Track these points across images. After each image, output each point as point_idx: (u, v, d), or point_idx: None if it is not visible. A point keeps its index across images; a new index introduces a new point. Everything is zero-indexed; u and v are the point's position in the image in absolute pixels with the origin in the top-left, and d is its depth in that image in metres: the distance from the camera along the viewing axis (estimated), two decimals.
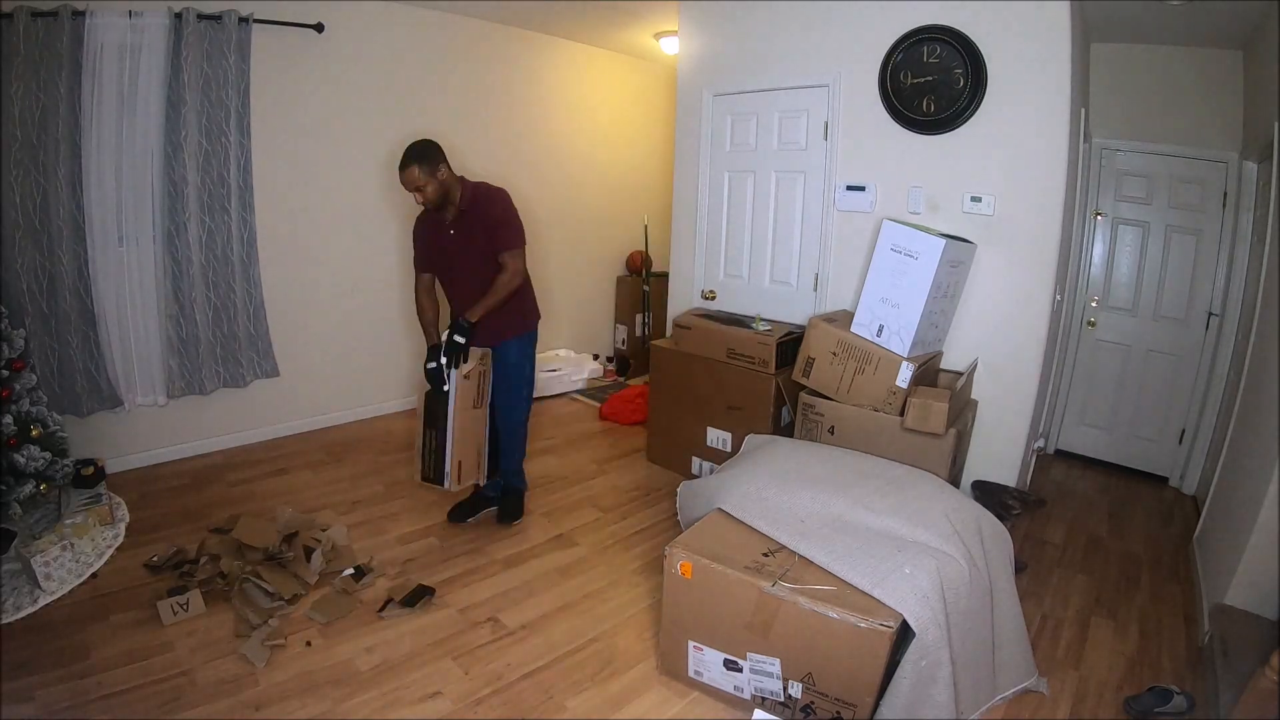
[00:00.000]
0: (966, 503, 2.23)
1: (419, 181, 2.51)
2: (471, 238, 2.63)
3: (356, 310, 4.06)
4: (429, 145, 2.55)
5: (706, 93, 3.70)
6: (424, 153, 2.52)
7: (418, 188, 2.52)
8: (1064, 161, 2.71)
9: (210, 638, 2.17)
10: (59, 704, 1.87)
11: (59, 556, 2.40)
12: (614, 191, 5.42)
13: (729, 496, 2.25)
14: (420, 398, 2.75)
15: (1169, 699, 1.97)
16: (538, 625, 2.34)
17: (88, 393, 3.14)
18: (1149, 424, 3.83)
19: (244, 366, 3.59)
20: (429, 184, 2.52)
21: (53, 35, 2.78)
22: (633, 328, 5.55)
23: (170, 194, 3.20)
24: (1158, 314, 3.75)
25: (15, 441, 2.50)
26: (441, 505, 3.15)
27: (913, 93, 2.95)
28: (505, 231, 2.64)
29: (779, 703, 1.91)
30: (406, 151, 2.53)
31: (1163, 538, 3.18)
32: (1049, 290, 2.82)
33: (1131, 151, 3.68)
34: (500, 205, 2.66)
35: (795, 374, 2.94)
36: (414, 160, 2.50)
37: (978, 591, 1.93)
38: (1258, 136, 3.06)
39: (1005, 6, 2.73)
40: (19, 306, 2.88)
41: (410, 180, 2.51)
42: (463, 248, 2.65)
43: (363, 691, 1.98)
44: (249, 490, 3.22)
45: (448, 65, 4.21)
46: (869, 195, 3.17)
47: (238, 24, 3.20)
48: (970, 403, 2.96)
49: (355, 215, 3.96)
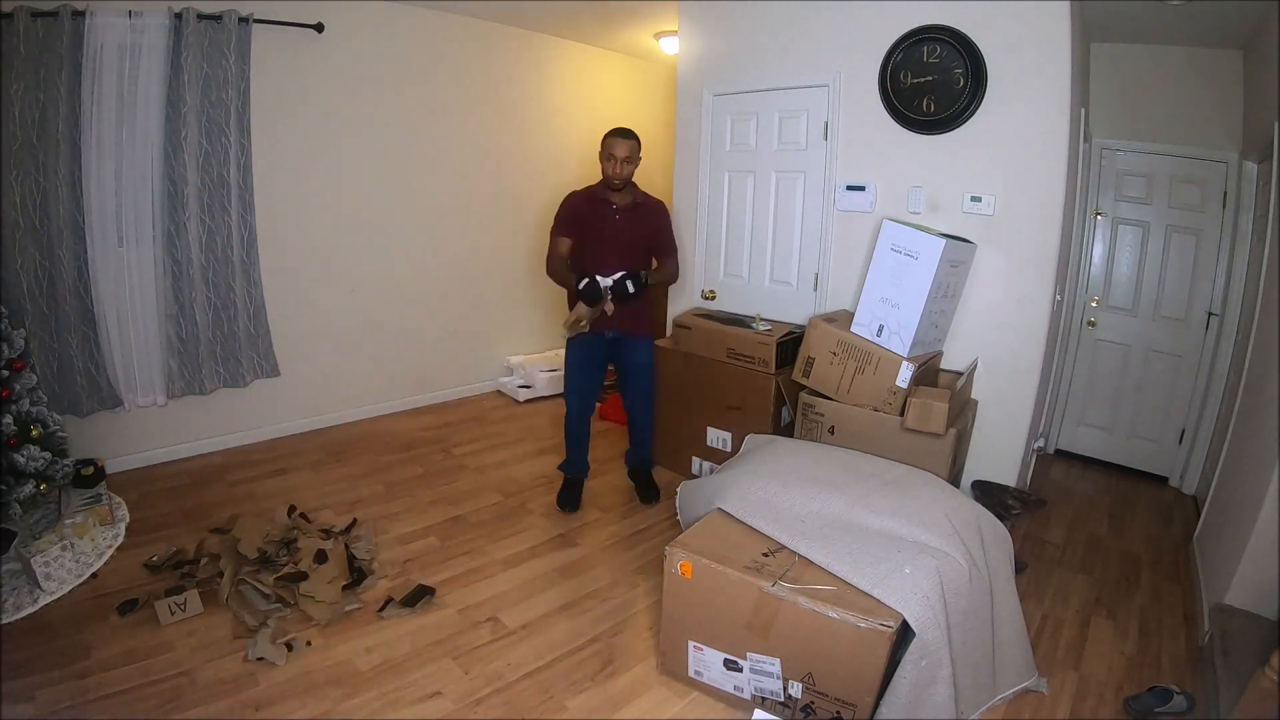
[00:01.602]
0: (966, 503, 2.23)
1: (630, 154, 2.79)
2: (639, 229, 2.91)
3: (357, 310, 4.06)
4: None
5: (706, 92, 3.70)
6: (638, 136, 2.83)
7: (626, 159, 2.78)
8: (1064, 161, 2.71)
9: (210, 638, 2.17)
10: (59, 704, 1.87)
11: (59, 556, 2.40)
12: None
13: (729, 496, 2.25)
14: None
15: (1169, 699, 1.97)
16: (538, 625, 2.34)
17: (88, 393, 3.14)
18: (1149, 424, 3.83)
19: (244, 366, 3.59)
20: (632, 162, 2.82)
21: (53, 35, 2.78)
22: None
23: (170, 194, 3.20)
24: (1158, 314, 3.75)
25: (15, 441, 2.50)
26: (441, 505, 3.16)
27: (913, 93, 2.95)
28: (670, 236, 3.07)
29: (779, 703, 1.91)
30: (625, 128, 2.84)
31: (1163, 538, 3.18)
32: (1049, 290, 2.82)
33: (1131, 151, 3.67)
34: (667, 215, 3.08)
35: (795, 374, 2.94)
36: (635, 136, 2.82)
37: (978, 591, 1.93)
38: (1258, 136, 3.06)
39: (1005, 6, 2.72)
40: (19, 306, 2.88)
41: (625, 149, 2.77)
42: (629, 234, 2.88)
43: (363, 691, 1.98)
44: (249, 490, 3.22)
45: (448, 65, 4.21)
46: (869, 195, 3.16)
47: (238, 24, 3.20)
48: (970, 403, 2.96)
49: (356, 215, 3.96)
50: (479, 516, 3.04)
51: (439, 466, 3.60)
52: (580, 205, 2.92)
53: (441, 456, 3.73)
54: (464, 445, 3.88)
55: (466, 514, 3.08)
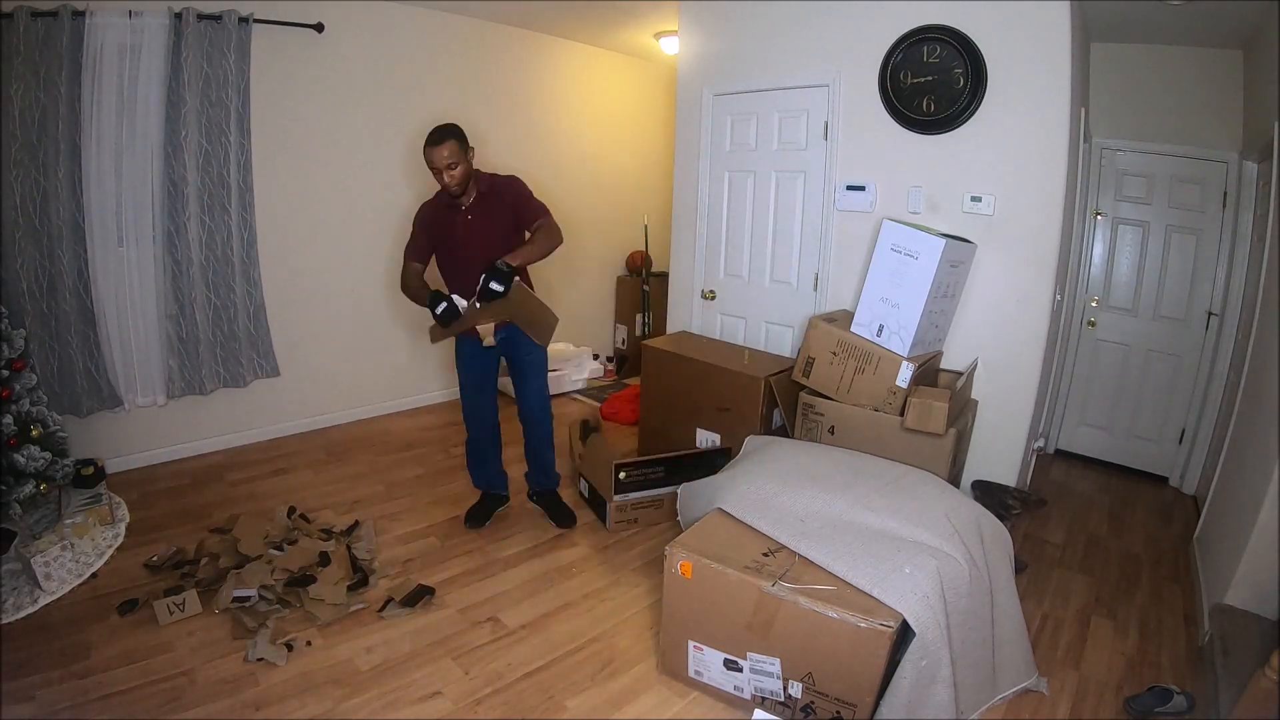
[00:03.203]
0: (966, 502, 2.23)
1: (452, 159, 2.42)
2: (492, 221, 2.57)
3: (357, 310, 4.06)
4: (459, 126, 2.48)
5: (706, 92, 3.70)
6: (458, 131, 2.46)
7: (449, 165, 2.42)
8: (1064, 161, 2.71)
9: (210, 638, 2.17)
10: (59, 704, 1.87)
11: (59, 556, 2.40)
12: (614, 191, 5.42)
13: (729, 496, 2.25)
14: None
15: (1169, 699, 1.97)
16: (538, 625, 2.34)
17: (88, 393, 3.14)
18: (1149, 424, 3.83)
19: (244, 366, 3.59)
20: (460, 163, 2.45)
21: (53, 35, 2.78)
22: (633, 327, 5.56)
23: (170, 194, 3.20)
24: (1158, 314, 3.75)
25: (15, 441, 2.50)
26: (441, 505, 3.16)
27: (913, 92, 2.95)
28: (532, 203, 2.61)
29: (779, 703, 1.90)
30: (439, 129, 2.44)
31: (1163, 538, 3.18)
32: (1049, 290, 2.82)
33: (1131, 151, 3.67)
34: (519, 184, 2.64)
35: (795, 374, 2.94)
36: (450, 136, 2.43)
37: (978, 591, 1.93)
38: (1258, 136, 3.06)
39: (1005, 6, 2.72)
40: (19, 306, 2.88)
41: (441, 158, 2.41)
42: (483, 232, 2.56)
43: (363, 691, 1.98)
44: (249, 490, 3.22)
45: (448, 65, 4.21)
46: (869, 195, 3.16)
47: (238, 24, 3.20)
48: (970, 403, 2.96)
49: (356, 215, 3.96)
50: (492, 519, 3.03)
51: (439, 466, 3.60)
52: (428, 216, 2.64)
53: (441, 456, 3.73)
54: (464, 445, 3.86)
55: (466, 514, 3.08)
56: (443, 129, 2.45)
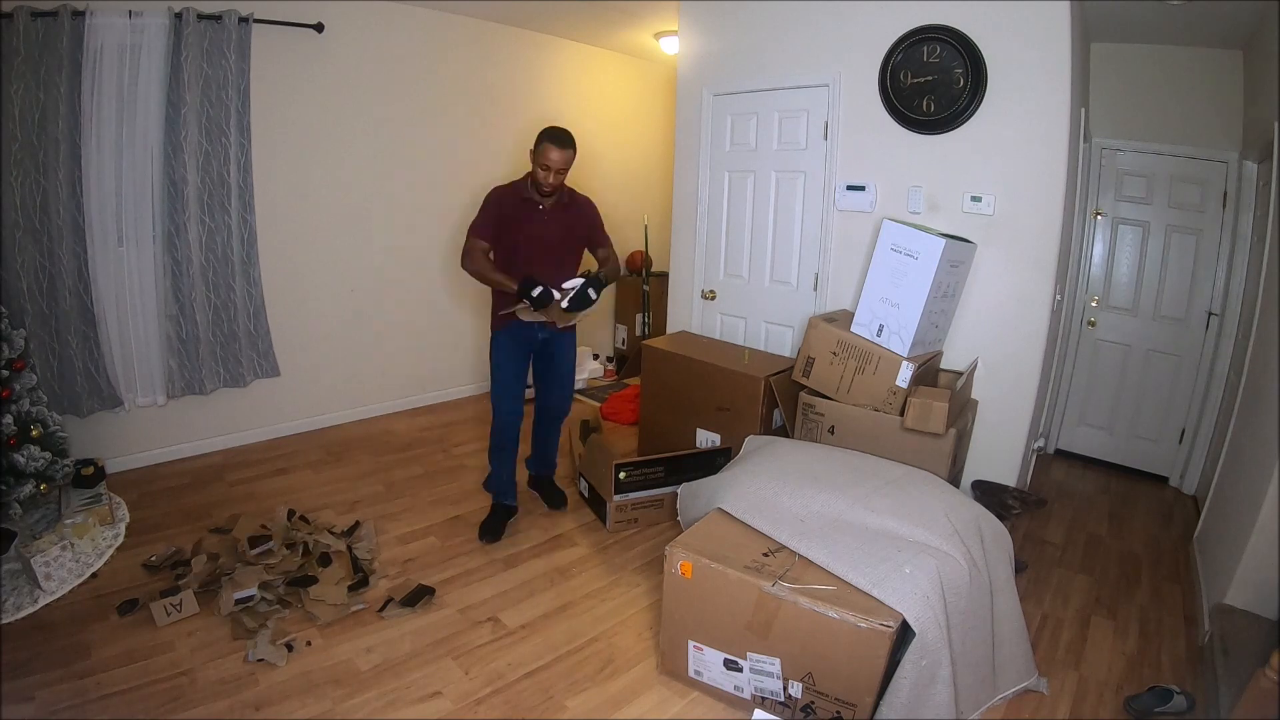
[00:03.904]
0: (966, 502, 2.23)
1: (566, 164, 2.62)
2: (571, 228, 2.78)
3: (357, 310, 4.06)
4: None
5: (706, 92, 3.70)
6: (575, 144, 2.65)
7: (560, 169, 2.61)
8: (1064, 161, 2.71)
9: (210, 638, 2.17)
10: (59, 704, 1.87)
11: (59, 556, 2.40)
12: (614, 191, 5.40)
13: (729, 496, 2.25)
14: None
15: (1169, 699, 1.97)
16: (538, 625, 2.34)
17: (88, 393, 3.14)
18: (1149, 424, 3.83)
19: (244, 366, 3.59)
20: (565, 174, 2.65)
21: (53, 35, 2.78)
22: (633, 327, 5.55)
23: (170, 194, 3.20)
24: (1158, 314, 3.75)
25: (15, 441, 2.50)
26: (441, 505, 3.16)
27: (912, 92, 2.95)
28: (604, 231, 2.92)
29: (779, 703, 1.91)
30: (568, 134, 2.62)
31: (1163, 538, 3.18)
32: (1049, 290, 2.82)
33: (1131, 151, 3.67)
34: (597, 210, 2.92)
35: (795, 374, 2.94)
36: (574, 145, 2.63)
37: (978, 591, 1.93)
38: (1258, 136, 3.06)
39: (1005, 6, 2.72)
40: (19, 306, 2.88)
41: (562, 160, 2.60)
42: (556, 235, 2.74)
43: (363, 691, 1.98)
44: (249, 490, 3.22)
45: (448, 65, 4.21)
46: (869, 195, 3.16)
47: (237, 24, 3.20)
48: (970, 403, 2.96)
49: (356, 215, 3.96)
50: (479, 516, 3.03)
51: (439, 466, 3.60)
52: (504, 204, 2.71)
53: (441, 456, 3.73)
54: (464, 445, 3.88)
55: (466, 514, 3.08)
56: (570, 136, 2.64)
